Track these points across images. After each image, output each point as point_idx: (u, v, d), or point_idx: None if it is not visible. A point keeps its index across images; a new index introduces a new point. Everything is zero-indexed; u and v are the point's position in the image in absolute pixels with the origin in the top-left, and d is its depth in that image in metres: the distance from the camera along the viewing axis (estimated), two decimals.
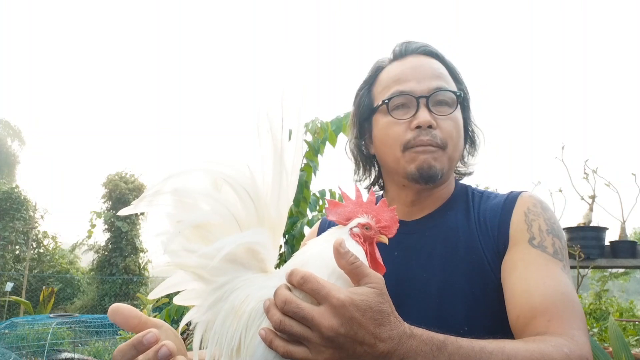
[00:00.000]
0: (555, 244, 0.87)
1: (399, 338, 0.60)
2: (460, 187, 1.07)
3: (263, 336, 0.62)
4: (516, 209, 0.93)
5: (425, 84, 0.97)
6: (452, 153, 0.98)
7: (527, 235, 0.89)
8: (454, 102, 0.99)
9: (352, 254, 0.63)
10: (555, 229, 0.90)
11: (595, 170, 2.90)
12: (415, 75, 0.99)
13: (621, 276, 8.71)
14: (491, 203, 0.98)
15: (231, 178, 0.69)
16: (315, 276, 0.61)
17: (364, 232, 0.75)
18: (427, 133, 0.95)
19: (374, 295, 0.60)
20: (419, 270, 0.95)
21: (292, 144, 0.73)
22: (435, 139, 0.95)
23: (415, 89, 0.97)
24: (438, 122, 0.96)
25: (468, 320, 0.88)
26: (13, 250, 11.67)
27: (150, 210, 0.69)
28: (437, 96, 0.97)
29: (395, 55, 1.06)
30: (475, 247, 0.93)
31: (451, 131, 0.97)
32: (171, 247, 0.67)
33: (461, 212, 1.00)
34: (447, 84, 0.99)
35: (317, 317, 0.59)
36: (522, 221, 0.91)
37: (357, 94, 1.11)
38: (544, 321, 0.76)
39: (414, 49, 1.04)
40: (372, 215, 0.77)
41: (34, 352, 4.86)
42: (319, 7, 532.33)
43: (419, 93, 0.97)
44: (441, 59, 1.04)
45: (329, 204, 0.79)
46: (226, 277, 0.68)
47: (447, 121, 0.97)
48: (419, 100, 0.96)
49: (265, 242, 0.70)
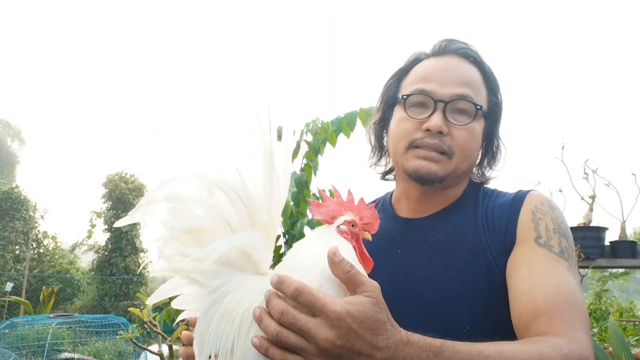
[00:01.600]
0: (562, 243, 0.87)
1: (396, 346, 0.60)
2: (472, 186, 1.06)
3: (257, 344, 0.61)
4: (524, 208, 0.92)
5: (449, 88, 0.95)
6: (459, 163, 0.96)
7: (534, 234, 0.88)
8: (474, 113, 0.95)
9: (347, 262, 0.63)
10: (563, 228, 0.90)
11: (595, 170, 2.90)
12: (442, 77, 0.96)
13: (621, 276, 8.70)
14: (499, 201, 0.98)
15: (222, 182, 0.69)
16: (310, 288, 0.61)
17: (351, 229, 0.76)
18: (435, 137, 0.94)
19: (370, 305, 0.60)
20: (423, 269, 0.95)
21: (283, 145, 0.73)
22: (443, 144, 0.93)
23: (436, 91, 0.95)
24: (451, 130, 0.94)
25: (472, 318, 0.88)
26: (13, 250, 11.67)
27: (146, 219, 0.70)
28: (457, 104, 0.95)
29: (433, 51, 1.03)
30: (482, 245, 0.92)
31: (463, 141, 0.95)
32: (166, 252, 0.68)
33: (469, 212, 0.99)
34: (474, 92, 0.96)
35: (314, 330, 0.59)
36: (529, 219, 0.90)
37: (388, 81, 1.09)
38: (546, 321, 0.76)
39: (453, 49, 1.00)
40: (355, 212, 0.78)
41: (34, 352, 4.86)
42: (319, 7, 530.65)
43: (439, 97, 0.95)
44: (479, 65, 1.00)
45: (312, 204, 0.79)
46: (220, 280, 0.68)
47: (462, 131, 0.94)
48: (436, 104, 0.94)
49: (258, 244, 0.70)
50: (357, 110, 2.53)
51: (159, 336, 1.78)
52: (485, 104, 0.99)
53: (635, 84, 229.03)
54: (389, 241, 1.02)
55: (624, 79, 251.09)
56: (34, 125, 55.86)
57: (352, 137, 2.50)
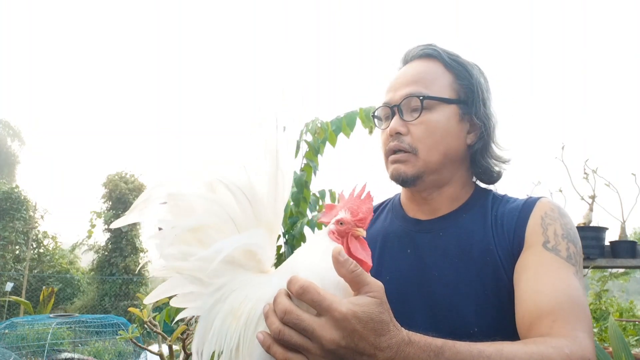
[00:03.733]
0: (570, 249, 0.87)
1: (398, 346, 0.61)
2: (481, 190, 1.07)
3: (261, 340, 0.62)
4: (534, 213, 0.93)
5: (400, 92, 1.00)
6: (428, 156, 0.97)
7: (542, 238, 0.89)
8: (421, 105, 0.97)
9: (352, 261, 0.63)
10: (572, 234, 0.90)
11: (595, 170, 2.90)
12: (395, 84, 1.02)
13: (621, 276, 8.70)
14: (509, 206, 0.98)
15: (227, 179, 0.69)
16: (315, 286, 0.61)
17: (338, 227, 0.73)
18: (395, 139, 0.99)
19: (375, 306, 0.60)
20: (431, 269, 0.96)
21: (287, 143, 0.74)
22: (402, 143, 0.98)
23: (392, 98, 1.01)
24: (409, 128, 0.98)
25: (478, 320, 0.88)
26: (13, 250, 11.67)
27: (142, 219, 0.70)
28: (408, 103, 0.99)
29: (402, 62, 1.08)
30: (490, 248, 0.93)
31: (420, 135, 0.97)
32: (167, 251, 0.68)
33: (478, 215, 0.99)
34: (425, 86, 0.98)
35: (318, 330, 0.59)
36: (539, 225, 0.91)
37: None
38: (549, 322, 0.76)
39: (414, 54, 1.05)
40: (351, 209, 0.75)
41: (34, 352, 4.85)
42: (319, 7, 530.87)
43: (393, 102, 1.01)
44: (438, 56, 1.01)
45: (326, 207, 0.79)
46: (224, 278, 0.68)
47: (417, 126, 0.97)
48: (392, 109, 1.01)
49: (263, 243, 0.70)
50: (357, 110, 2.53)
51: (159, 336, 1.79)
52: (450, 90, 1.00)
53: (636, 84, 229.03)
54: (398, 240, 1.04)
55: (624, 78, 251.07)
56: (34, 125, 55.85)
57: (352, 137, 2.51)
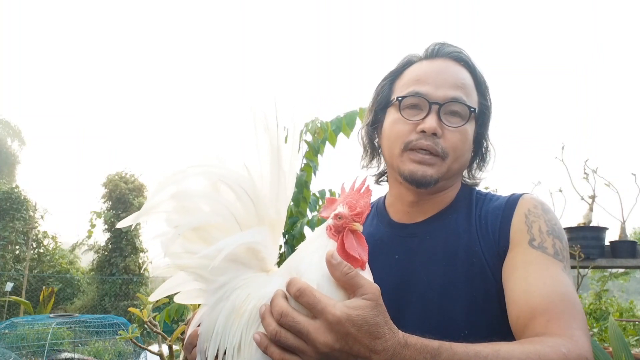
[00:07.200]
0: (556, 245, 0.87)
1: (394, 349, 0.61)
2: (465, 189, 1.06)
3: (258, 341, 0.62)
4: (517, 211, 0.93)
5: (443, 91, 0.96)
6: (452, 164, 0.96)
7: (528, 236, 0.88)
8: (467, 115, 0.96)
9: (346, 264, 0.63)
10: (556, 230, 0.90)
11: (595, 170, 2.90)
12: (436, 80, 0.97)
13: (621, 276, 8.70)
14: (493, 205, 0.98)
15: (229, 178, 0.69)
16: (312, 289, 0.61)
17: (336, 222, 0.71)
18: (429, 139, 0.94)
19: (370, 309, 0.60)
20: (420, 274, 0.95)
21: (289, 142, 0.74)
22: (436, 146, 0.94)
23: (431, 93, 0.96)
24: (444, 132, 0.95)
25: (469, 323, 0.88)
26: (13, 250, 11.66)
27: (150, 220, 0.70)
28: (451, 106, 0.95)
29: (426, 54, 1.04)
30: (476, 250, 0.92)
31: (456, 143, 0.95)
32: (172, 250, 0.68)
33: (463, 215, 0.99)
34: (466, 96, 0.97)
35: (313, 333, 0.60)
36: (523, 222, 0.90)
37: (380, 83, 1.09)
38: (543, 321, 0.76)
39: (446, 52, 1.01)
40: (349, 203, 0.73)
41: (34, 352, 4.85)
42: (319, 7, 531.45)
43: (434, 99, 0.95)
44: (471, 69, 1.02)
45: (327, 202, 0.78)
46: (227, 276, 0.69)
47: (455, 133, 0.95)
48: (431, 106, 0.95)
49: (265, 241, 0.70)
50: (357, 110, 2.54)
51: (159, 336, 1.78)
52: (476, 106, 1.00)
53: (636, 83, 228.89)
54: (385, 246, 1.02)
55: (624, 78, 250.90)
56: (34, 125, 55.83)
57: (352, 137, 2.51)
